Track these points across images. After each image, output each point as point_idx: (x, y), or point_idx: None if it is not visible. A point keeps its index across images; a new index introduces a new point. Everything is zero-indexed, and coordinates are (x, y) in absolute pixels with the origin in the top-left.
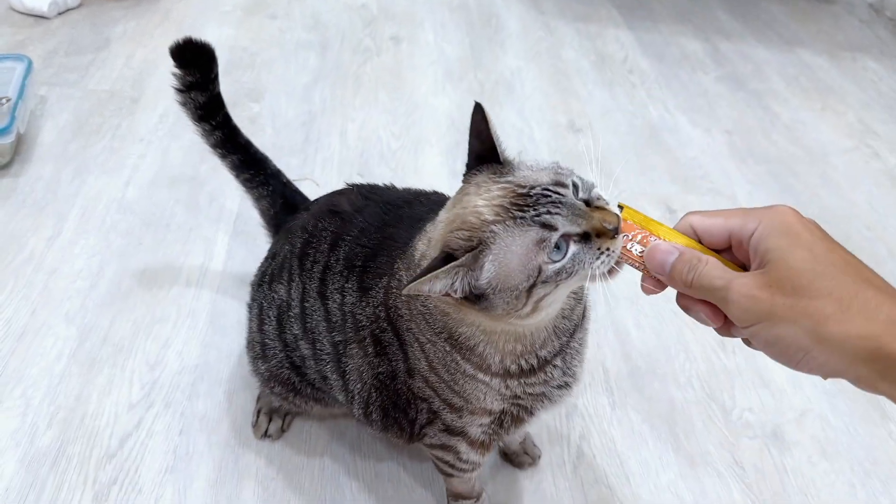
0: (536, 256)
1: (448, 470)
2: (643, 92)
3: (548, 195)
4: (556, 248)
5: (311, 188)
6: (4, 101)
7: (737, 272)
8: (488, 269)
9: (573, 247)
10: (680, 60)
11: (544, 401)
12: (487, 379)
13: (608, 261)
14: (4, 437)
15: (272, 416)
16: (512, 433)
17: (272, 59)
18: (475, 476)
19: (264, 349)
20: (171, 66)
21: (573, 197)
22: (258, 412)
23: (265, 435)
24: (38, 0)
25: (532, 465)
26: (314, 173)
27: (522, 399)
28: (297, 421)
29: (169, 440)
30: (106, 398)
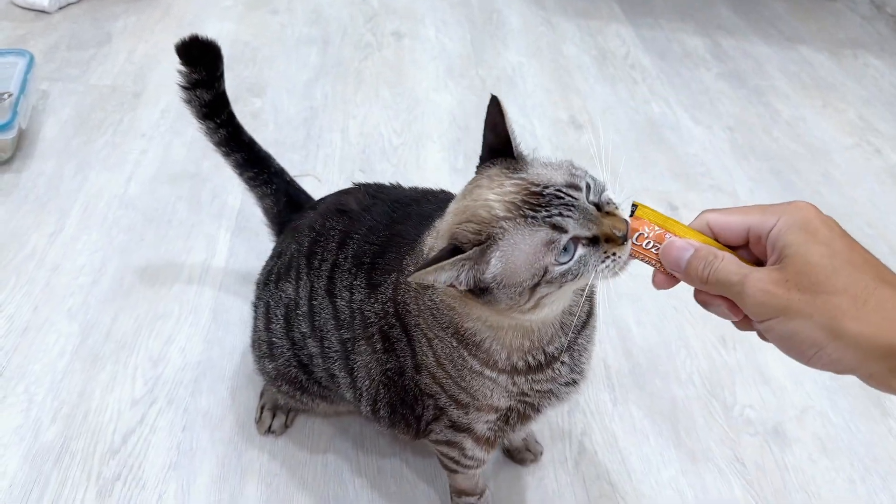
0: (544, 257)
1: (453, 466)
2: (645, 88)
3: (561, 196)
4: (564, 251)
5: (313, 184)
6: (6, 97)
7: (753, 267)
8: (494, 265)
9: (581, 250)
10: (681, 57)
11: (551, 398)
12: (494, 375)
13: (614, 266)
14: (8, 433)
15: (275, 413)
16: (518, 430)
17: (273, 55)
18: (479, 473)
19: (271, 348)
20: (177, 63)
21: (585, 200)
22: (261, 408)
23: (268, 431)
24: None
25: (534, 462)
26: (316, 169)
27: (529, 396)
28: (300, 417)
29: (172, 436)
30: (109, 394)
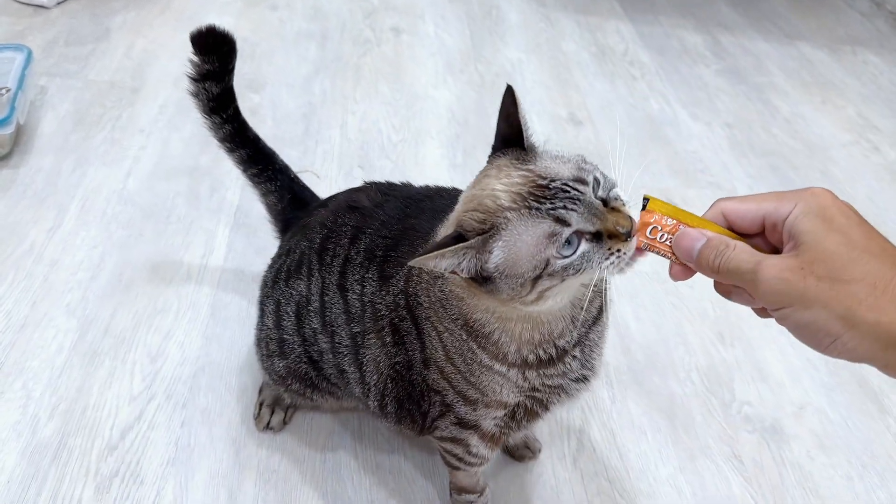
0: (546, 249)
1: (455, 463)
2: (644, 85)
3: (566, 190)
4: (567, 244)
5: (312, 180)
6: (4, 92)
7: (766, 255)
8: (497, 255)
9: (584, 245)
10: (680, 53)
11: (561, 394)
12: (504, 370)
13: (618, 262)
14: (6, 429)
15: (274, 409)
16: (524, 428)
17: (272, 50)
18: (480, 471)
19: (282, 345)
20: (177, 56)
21: (591, 195)
22: (260, 404)
23: (267, 427)
24: None
25: (532, 459)
26: (314, 165)
27: (539, 391)
28: (299, 413)
29: (170, 432)
30: (107, 390)
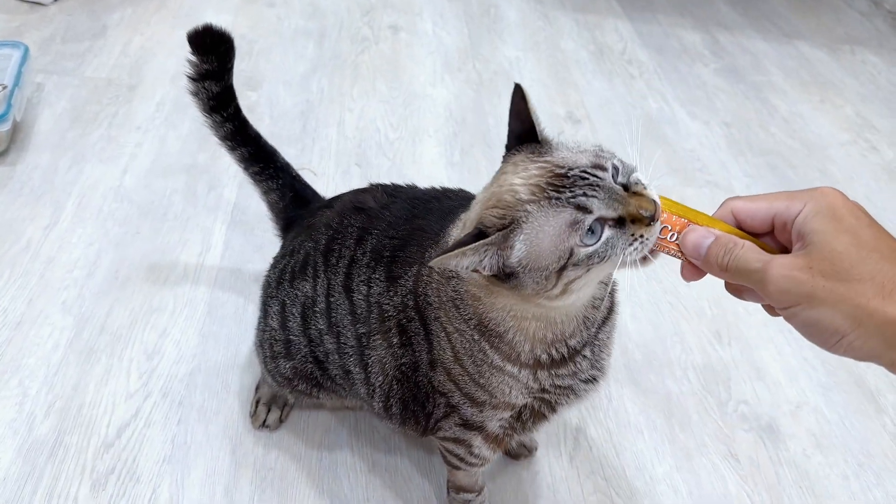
0: (569, 238)
1: (456, 463)
2: (642, 83)
3: (585, 177)
4: (591, 232)
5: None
6: (0, 89)
7: (775, 254)
8: (519, 249)
9: (607, 231)
10: (679, 52)
11: (570, 395)
12: (515, 371)
13: (642, 248)
14: (1, 427)
15: (270, 407)
16: (529, 430)
17: (270, 47)
18: (481, 471)
19: (288, 346)
20: (174, 55)
21: (612, 181)
22: (256, 402)
23: (263, 425)
24: None
25: (529, 457)
26: (312, 163)
27: (549, 392)
28: (296, 411)
29: (167, 430)
30: (103, 388)
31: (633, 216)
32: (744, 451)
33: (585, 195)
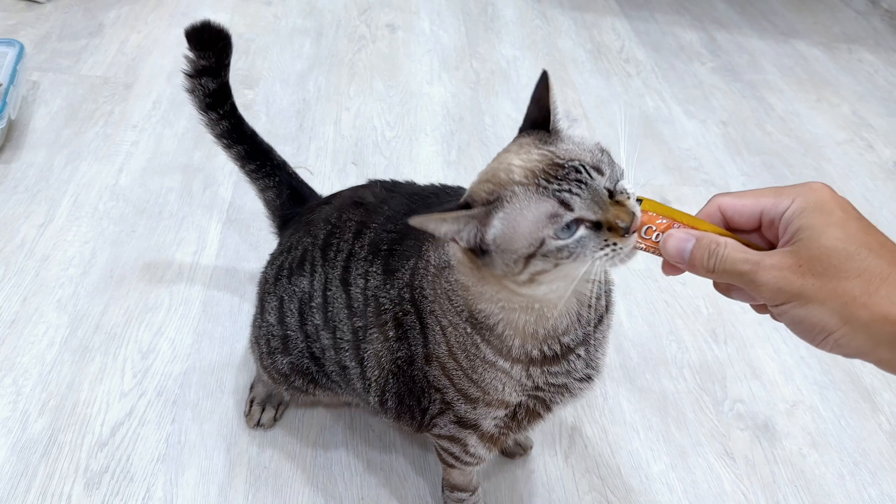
0: (544, 228)
1: (451, 461)
2: (639, 82)
3: (580, 172)
4: (567, 228)
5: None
6: None
7: (762, 252)
8: (496, 227)
9: (582, 231)
10: (676, 51)
11: (565, 393)
12: (508, 366)
13: (613, 255)
14: None
15: (265, 406)
16: (525, 429)
17: (267, 46)
18: (476, 470)
19: (286, 342)
20: (174, 51)
21: (601, 184)
22: (251, 402)
23: (258, 425)
24: None
25: (524, 456)
26: (308, 161)
27: (543, 390)
28: (290, 410)
29: (161, 429)
30: (98, 386)
31: (610, 224)
32: (739, 450)
33: (571, 192)
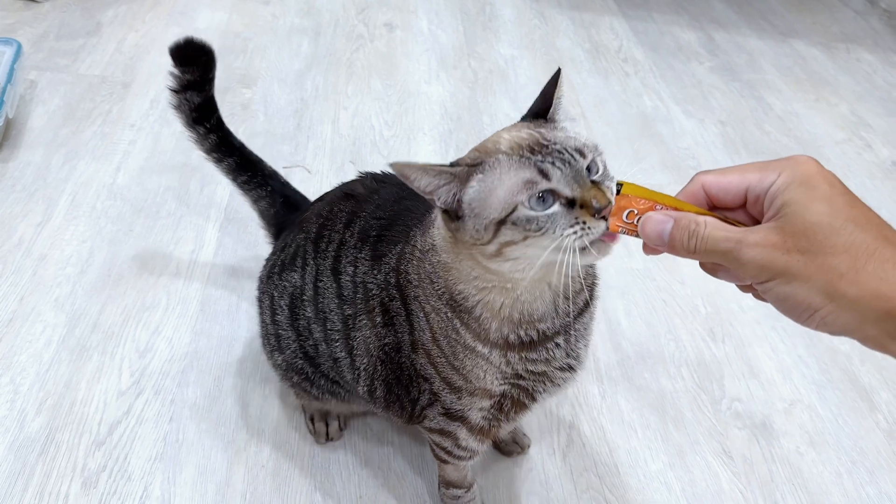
0: (518, 194)
1: (444, 456)
2: (637, 81)
3: (562, 152)
4: (541, 200)
5: (303, 176)
6: None
7: (744, 228)
8: (474, 187)
9: (556, 206)
10: (674, 50)
11: (546, 382)
12: (486, 351)
13: (581, 234)
14: None
15: (326, 419)
16: (513, 420)
17: (265, 45)
18: (469, 465)
19: (279, 339)
20: (166, 53)
21: (582, 165)
22: (311, 419)
23: (328, 439)
24: None
25: (521, 454)
26: (306, 161)
27: (524, 378)
28: (288, 408)
29: (158, 428)
30: (95, 385)
31: (584, 202)
32: (737, 449)
33: (553, 164)
